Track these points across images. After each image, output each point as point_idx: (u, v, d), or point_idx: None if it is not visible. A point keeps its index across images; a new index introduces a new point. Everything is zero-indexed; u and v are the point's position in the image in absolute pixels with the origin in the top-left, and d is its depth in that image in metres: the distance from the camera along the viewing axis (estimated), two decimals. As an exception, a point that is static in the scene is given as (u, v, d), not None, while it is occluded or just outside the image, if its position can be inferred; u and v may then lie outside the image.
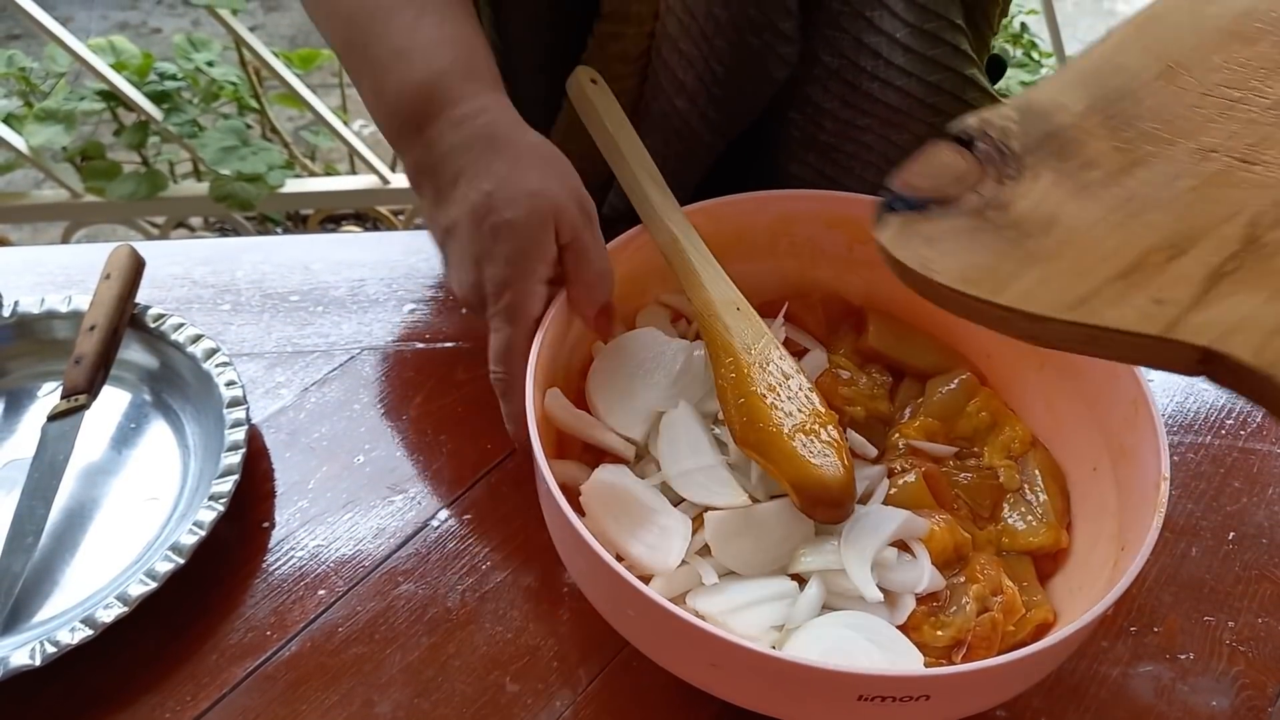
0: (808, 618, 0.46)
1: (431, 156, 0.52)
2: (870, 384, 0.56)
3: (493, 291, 0.50)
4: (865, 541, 0.47)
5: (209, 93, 1.62)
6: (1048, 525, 0.51)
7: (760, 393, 0.49)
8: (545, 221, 0.49)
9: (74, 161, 1.61)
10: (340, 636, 0.53)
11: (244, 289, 0.70)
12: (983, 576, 0.48)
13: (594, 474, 0.49)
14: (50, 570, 0.55)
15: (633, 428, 0.52)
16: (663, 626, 0.42)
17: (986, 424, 0.55)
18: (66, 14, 2.53)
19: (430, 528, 0.58)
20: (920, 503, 0.50)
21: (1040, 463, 0.54)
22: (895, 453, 0.53)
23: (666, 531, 0.48)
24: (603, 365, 0.54)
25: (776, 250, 0.59)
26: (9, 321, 0.64)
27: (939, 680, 0.40)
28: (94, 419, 0.60)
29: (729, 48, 0.62)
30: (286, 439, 0.62)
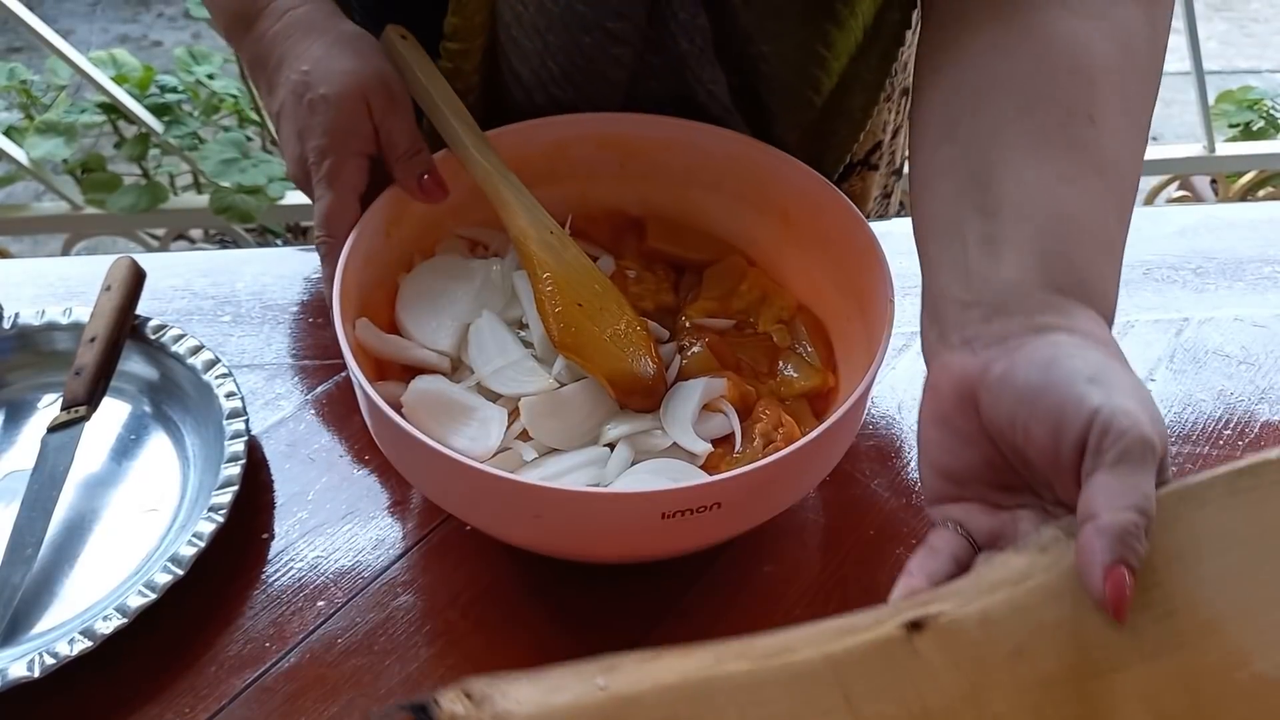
0: (618, 474, 0.52)
1: (259, 49, 0.58)
2: (655, 280, 0.62)
3: (313, 161, 0.54)
4: (681, 409, 0.54)
5: (209, 105, 1.63)
6: (815, 370, 0.59)
7: (577, 303, 0.55)
8: (358, 97, 0.54)
9: (74, 174, 1.62)
10: (340, 648, 0.53)
11: (244, 300, 0.71)
12: (765, 416, 0.55)
13: (411, 384, 0.53)
14: (49, 582, 0.55)
15: (443, 342, 0.57)
16: (489, 491, 0.47)
17: (758, 298, 0.62)
18: (68, 27, 2.54)
19: (430, 539, 0.58)
20: (708, 368, 0.57)
21: (805, 322, 0.62)
22: (684, 332, 0.59)
23: (485, 422, 0.53)
24: (409, 290, 0.58)
25: (556, 175, 0.62)
26: (9, 333, 0.64)
27: (725, 484, 0.45)
28: (94, 430, 0.60)
29: (562, 45, 0.61)
30: (286, 450, 0.62)
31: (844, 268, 0.59)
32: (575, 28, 0.60)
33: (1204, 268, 0.76)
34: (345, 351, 0.50)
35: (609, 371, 0.54)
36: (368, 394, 0.48)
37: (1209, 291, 0.75)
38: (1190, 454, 0.64)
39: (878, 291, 0.54)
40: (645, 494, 0.45)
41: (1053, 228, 0.42)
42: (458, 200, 0.59)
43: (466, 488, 0.48)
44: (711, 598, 0.55)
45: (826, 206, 0.59)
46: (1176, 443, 0.64)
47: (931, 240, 0.46)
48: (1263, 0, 2.87)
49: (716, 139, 0.62)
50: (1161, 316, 0.73)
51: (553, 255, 0.56)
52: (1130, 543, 0.34)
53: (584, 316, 0.55)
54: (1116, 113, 0.46)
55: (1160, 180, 1.90)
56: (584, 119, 0.62)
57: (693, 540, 0.50)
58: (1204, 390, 0.68)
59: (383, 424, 0.49)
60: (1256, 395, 0.67)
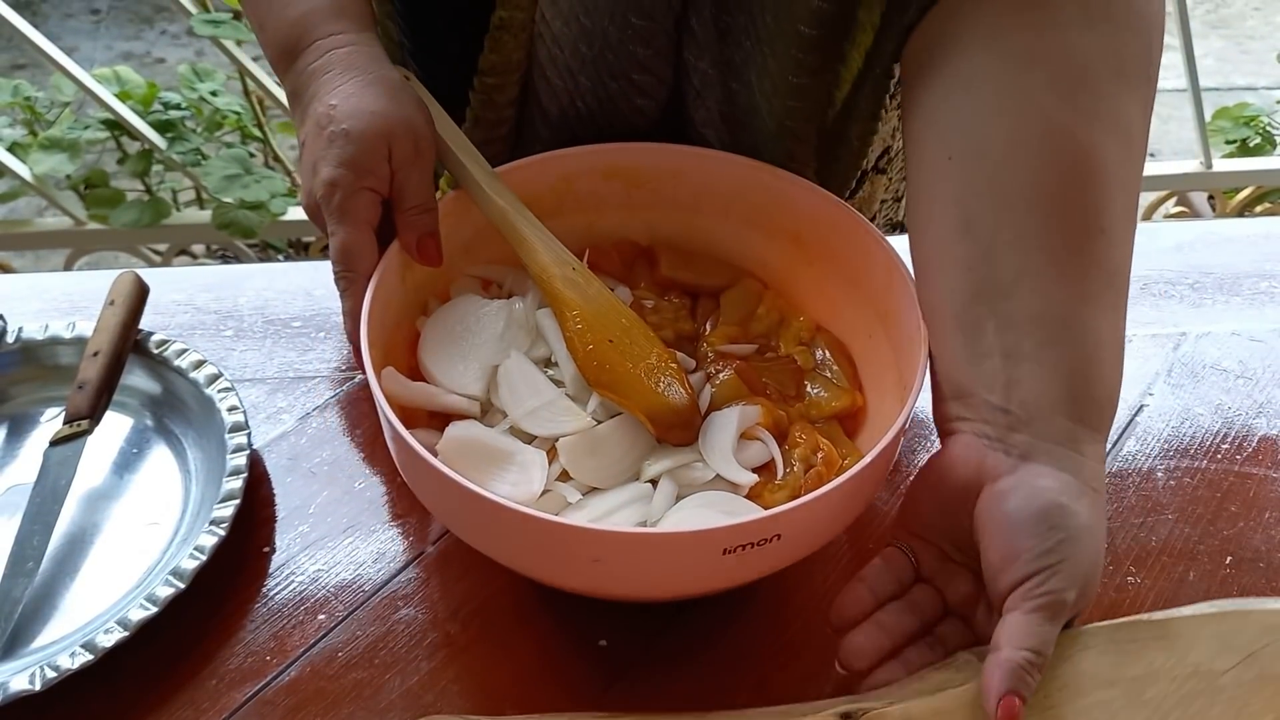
0: (665, 510, 0.51)
1: (299, 82, 0.57)
2: (672, 308, 0.61)
3: (324, 193, 0.53)
4: (720, 440, 0.54)
5: (212, 122, 1.64)
6: (844, 390, 0.59)
7: (608, 340, 0.54)
8: (379, 138, 0.53)
9: (78, 189, 1.62)
10: (340, 661, 0.53)
11: (246, 315, 0.71)
12: (801, 440, 0.55)
13: (447, 432, 0.52)
14: (51, 595, 0.55)
15: (471, 386, 0.55)
16: (546, 538, 0.46)
17: (776, 321, 0.62)
18: (72, 44, 2.55)
19: (430, 553, 0.58)
20: (738, 395, 0.56)
21: (826, 342, 0.61)
22: (707, 361, 0.59)
23: (526, 466, 0.52)
24: (431, 335, 0.57)
25: (563, 209, 0.62)
26: (13, 347, 0.64)
27: (787, 516, 0.45)
28: (96, 444, 0.60)
29: (592, 88, 0.63)
30: (288, 464, 0.62)
31: (861, 286, 0.59)
32: (604, 74, 0.62)
33: (1201, 282, 0.77)
34: (382, 405, 0.48)
35: (647, 408, 0.53)
36: (411, 447, 0.46)
37: (1206, 306, 0.75)
38: (1188, 468, 0.64)
39: (903, 310, 0.54)
40: (709, 531, 0.44)
41: (1077, 353, 0.48)
42: (468, 239, 0.59)
43: (522, 536, 0.47)
44: (714, 609, 0.56)
45: (841, 226, 0.59)
46: (1174, 457, 0.65)
47: (950, 333, 0.50)
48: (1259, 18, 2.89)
49: (724, 164, 0.62)
50: (1159, 331, 0.73)
51: (578, 292, 0.56)
52: (1023, 676, 0.43)
53: (616, 353, 0.54)
54: (1123, 219, 0.51)
55: (1158, 196, 1.91)
56: (589, 151, 0.62)
57: (749, 574, 0.49)
58: (1201, 404, 0.68)
59: (426, 475, 0.47)
60: (1254, 409, 0.67)
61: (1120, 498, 0.62)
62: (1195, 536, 0.60)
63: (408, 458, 0.48)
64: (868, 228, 0.58)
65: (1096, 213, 0.50)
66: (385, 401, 0.48)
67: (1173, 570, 0.58)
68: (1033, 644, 0.43)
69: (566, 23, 0.60)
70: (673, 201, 0.63)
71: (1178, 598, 0.57)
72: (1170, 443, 0.66)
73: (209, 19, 1.45)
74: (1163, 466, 0.64)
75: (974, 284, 0.50)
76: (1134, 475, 0.64)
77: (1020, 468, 0.46)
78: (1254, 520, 0.61)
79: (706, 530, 0.44)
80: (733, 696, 0.52)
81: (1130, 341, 0.72)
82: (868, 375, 0.60)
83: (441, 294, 0.60)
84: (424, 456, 0.46)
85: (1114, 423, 0.50)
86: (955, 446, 0.49)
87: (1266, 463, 0.64)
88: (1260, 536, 0.60)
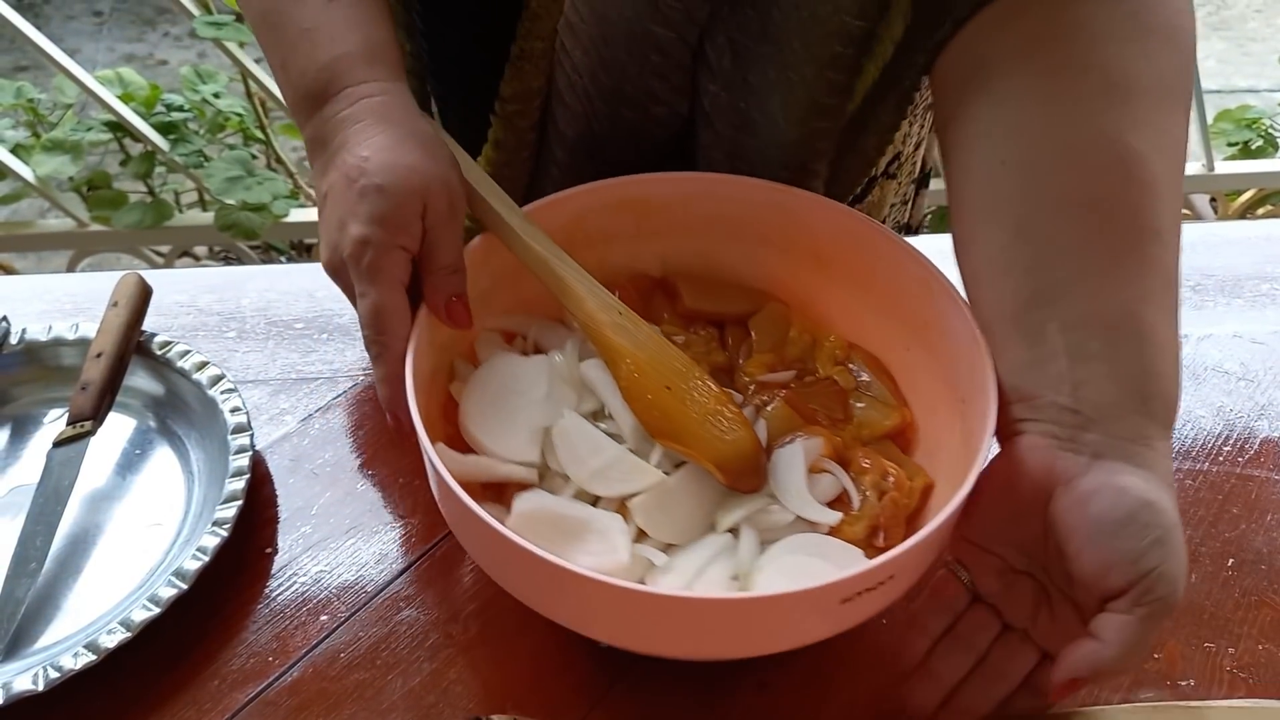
0: (753, 560, 0.50)
1: (324, 129, 0.53)
2: (702, 341, 0.59)
3: (353, 252, 0.50)
4: (791, 479, 0.52)
5: (215, 123, 1.64)
6: (893, 408, 0.57)
7: (665, 387, 0.53)
8: (413, 194, 0.50)
9: (80, 191, 1.63)
10: (342, 662, 0.53)
11: (249, 316, 0.71)
12: (867, 466, 0.53)
13: (514, 506, 0.49)
14: (54, 596, 0.55)
15: (526, 451, 0.53)
16: (662, 613, 0.44)
17: (809, 343, 0.61)
18: (74, 46, 2.56)
19: (432, 554, 0.58)
20: (792, 425, 0.55)
21: (862, 359, 0.60)
22: (749, 393, 0.57)
23: (605, 533, 0.49)
24: (472, 402, 0.54)
25: (574, 246, 0.57)
26: (16, 348, 0.65)
27: (897, 561, 0.44)
28: (99, 445, 0.60)
29: (609, 113, 0.62)
30: (290, 465, 0.62)
31: (892, 299, 0.58)
32: (622, 105, 0.61)
33: (1203, 285, 0.77)
34: (453, 486, 0.45)
35: (715, 457, 0.51)
36: (496, 530, 0.43)
37: (1208, 308, 0.75)
38: (1190, 470, 0.64)
39: (947, 319, 0.53)
40: (832, 584, 0.43)
41: (1142, 351, 0.48)
42: (485, 289, 0.56)
43: (629, 612, 0.44)
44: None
45: (865, 240, 0.58)
46: (1177, 459, 0.65)
47: (1009, 336, 0.50)
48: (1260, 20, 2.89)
49: (735, 187, 0.60)
50: (1161, 333, 0.73)
51: (628, 338, 0.53)
52: (1110, 674, 0.45)
53: (675, 400, 0.52)
54: (1173, 224, 0.51)
55: (1160, 198, 1.91)
56: (600, 186, 0.59)
57: (855, 619, 0.47)
58: (1203, 407, 0.68)
59: (511, 557, 0.44)
60: (1256, 411, 0.67)
61: (1122, 500, 0.62)
62: (1197, 539, 0.60)
63: (487, 540, 0.45)
64: (896, 239, 0.57)
65: (1150, 215, 0.49)
66: (456, 484, 0.45)
67: (1174, 572, 0.58)
68: (1134, 647, 0.44)
69: (586, 52, 0.60)
70: (684, 228, 0.61)
71: (1179, 600, 0.57)
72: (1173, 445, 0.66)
73: (212, 21, 1.45)
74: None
75: (1032, 287, 0.49)
76: (1136, 477, 0.64)
77: (1095, 467, 0.46)
78: (1256, 523, 0.61)
79: (831, 583, 0.43)
80: (734, 697, 0.52)
81: (1132, 343, 0.72)
82: (911, 389, 0.58)
83: (467, 353, 0.58)
84: (511, 539, 0.43)
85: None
86: (1022, 449, 0.48)
87: (1268, 465, 0.64)
88: (1262, 539, 0.60)
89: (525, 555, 0.43)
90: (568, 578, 0.43)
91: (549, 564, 0.43)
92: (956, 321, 0.53)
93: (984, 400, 0.49)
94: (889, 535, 0.51)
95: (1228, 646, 0.55)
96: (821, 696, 0.53)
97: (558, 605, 0.47)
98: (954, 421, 0.54)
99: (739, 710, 0.52)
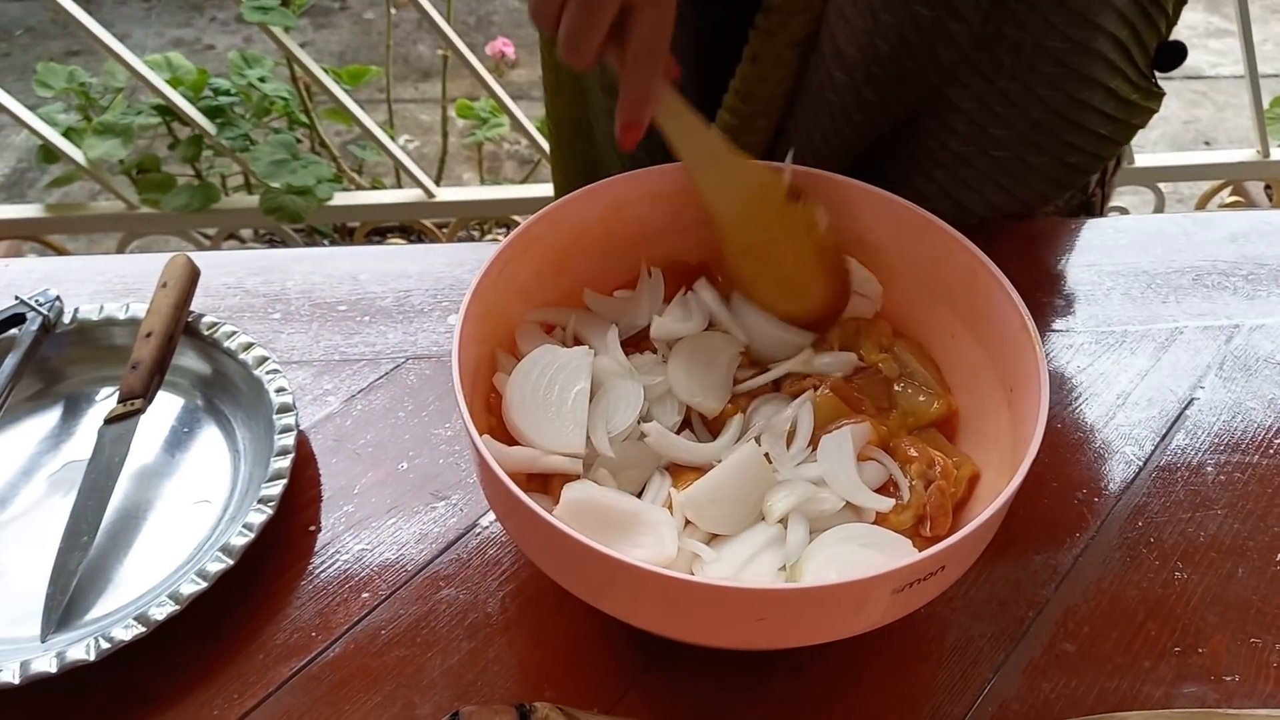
0: (802, 549, 0.50)
1: None
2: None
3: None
4: (841, 466, 0.52)
5: (260, 108, 1.66)
6: (938, 396, 0.57)
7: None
8: None
9: (130, 174, 1.66)
10: (383, 639, 0.54)
11: (294, 298, 0.72)
12: (914, 455, 0.53)
13: (562, 496, 0.50)
14: (105, 569, 0.56)
15: (571, 441, 0.53)
16: (709, 602, 0.44)
17: (853, 330, 0.60)
18: (124, 31, 2.60)
19: (472, 534, 0.59)
20: (839, 413, 0.55)
21: (906, 347, 0.60)
22: (797, 381, 0.57)
23: (653, 525, 0.50)
24: (515, 393, 0.54)
25: (610, 238, 0.60)
26: (69, 328, 0.66)
27: (949, 551, 0.44)
28: (148, 423, 0.62)
29: (895, 24, 0.61)
30: (333, 445, 0.63)
31: (938, 286, 0.58)
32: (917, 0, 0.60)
33: (1256, 274, 0.75)
34: (508, 483, 0.45)
35: (787, 312, 0.57)
36: (552, 524, 0.44)
37: (1260, 298, 0.73)
38: (1240, 463, 0.63)
39: (994, 306, 0.54)
40: (884, 574, 0.43)
41: None
42: (525, 283, 0.57)
43: (680, 602, 0.45)
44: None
45: (910, 227, 0.58)
46: (1225, 451, 0.63)
47: None
48: (1322, 2, 2.81)
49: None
50: (1211, 323, 0.72)
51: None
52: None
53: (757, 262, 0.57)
54: None
55: (1213, 185, 1.87)
56: (639, 175, 0.59)
57: (904, 610, 0.47)
58: (1254, 399, 0.67)
59: (561, 548, 0.45)
60: (1309, 404, 0.66)
61: (1168, 492, 0.61)
62: (1245, 532, 0.59)
63: (537, 531, 0.46)
64: (942, 227, 0.56)
65: None
66: (506, 475, 0.46)
67: (1221, 566, 0.57)
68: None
69: None
70: None
71: (1225, 593, 0.56)
72: (1221, 437, 0.64)
73: (258, 5, 1.47)
74: (1213, 461, 0.63)
75: None
76: (1183, 469, 0.63)
77: None
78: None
79: (879, 575, 0.43)
80: (768, 682, 0.52)
81: (1181, 334, 0.71)
82: (955, 377, 0.58)
83: (508, 345, 0.58)
84: (562, 529, 0.44)
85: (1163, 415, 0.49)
86: None
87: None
88: (1313, 533, 0.59)
89: (576, 545, 0.43)
90: (618, 568, 0.43)
91: (600, 554, 0.43)
92: (1005, 308, 0.53)
93: (1032, 388, 0.49)
94: (935, 524, 0.51)
95: (1274, 642, 0.54)
96: (855, 681, 0.53)
97: (605, 595, 0.47)
98: (1001, 410, 0.53)
99: (773, 695, 0.52)
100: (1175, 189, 2.21)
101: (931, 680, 0.53)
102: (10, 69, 2.46)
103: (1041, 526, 0.59)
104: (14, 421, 0.63)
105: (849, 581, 0.43)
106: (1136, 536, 0.59)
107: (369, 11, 2.73)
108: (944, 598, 0.55)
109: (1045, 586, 0.57)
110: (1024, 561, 0.58)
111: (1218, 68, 2.60)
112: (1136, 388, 0.67)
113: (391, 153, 1.63)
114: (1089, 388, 0.67)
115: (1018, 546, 0.58)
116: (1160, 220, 0.83)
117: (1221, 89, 2.54)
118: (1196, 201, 1.91)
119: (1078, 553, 0.58)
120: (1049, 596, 0.56)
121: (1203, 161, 1.76)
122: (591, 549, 0.43)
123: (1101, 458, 0.63)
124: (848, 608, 0.45)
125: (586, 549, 0.43)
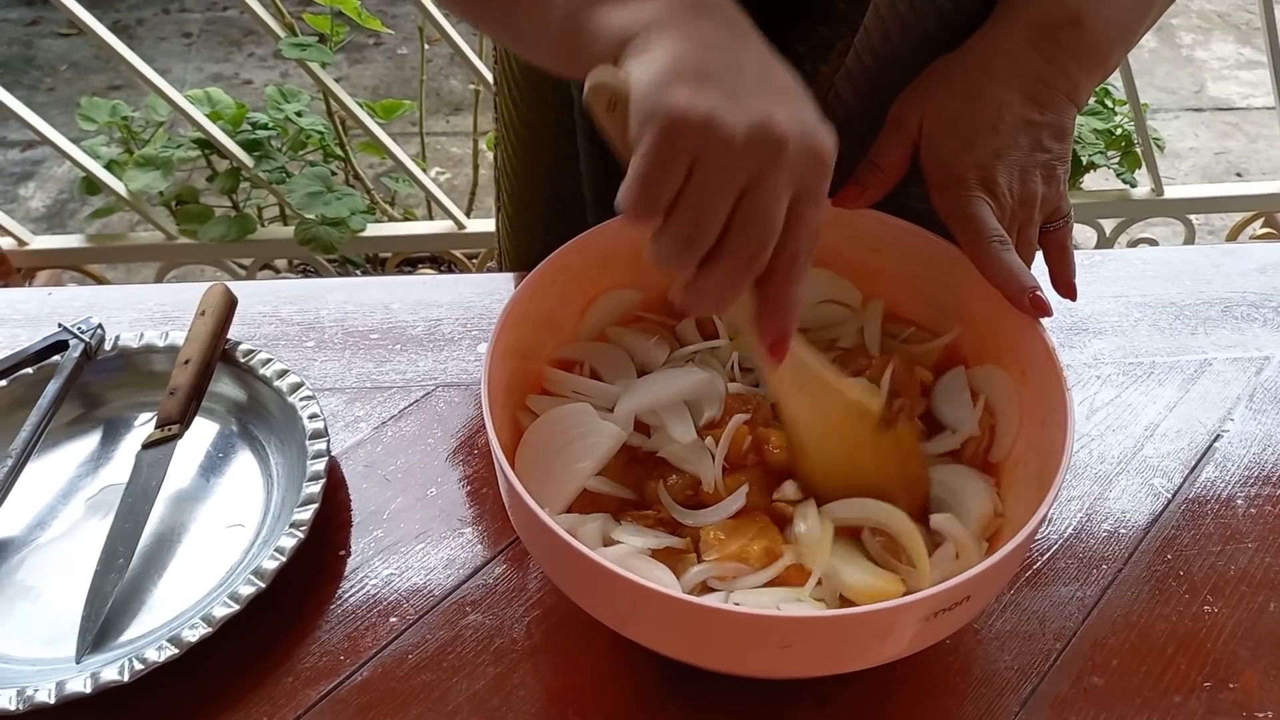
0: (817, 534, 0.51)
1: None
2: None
3: (776, 141, 0.41)
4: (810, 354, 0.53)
5: (297, 141, 1.69)
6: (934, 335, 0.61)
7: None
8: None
9: (169, 205, 1.69)
10: (410, 663, 0.55)
11: (328, 327, 0.73)
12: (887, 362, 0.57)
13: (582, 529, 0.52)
14: (139, 591, 0.57)
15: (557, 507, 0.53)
16: (733, 629, 0.44)
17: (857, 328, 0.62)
18: (165, 66, 2.67)
19: (498, 560, 0.59)
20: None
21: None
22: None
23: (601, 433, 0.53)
24: (524, 461, 0.55)
25: (638, 264, 0.59)
26: (110, 354, 0.68)
27: (975, 580, 0.44)
28: (185, 448, 0.63)
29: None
30: (363, 471, 0.64)
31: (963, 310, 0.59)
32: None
33: (1286, 306, 0.75)
34: (539, 513, 0.46)
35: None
36: (581, 552, 0.44)
37: (1292, 330, 0.73)
38: (1271, 496, 0.62)
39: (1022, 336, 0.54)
40: (910, 603, 0.43)
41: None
42: (554, 311, 0.58)
43: (707, 628, 0.45)
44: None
45: (929, 256, 0.59)
46: (1255, 484, 0.63)
47: None
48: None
49: None
50: (1241, 355, 0.71)
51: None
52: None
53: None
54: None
55: (1244, 217, 1.85)
56: None
57: (930, 640, 0.48)
58: (1286, 431, 0.66)
59: (592, 574, 0.45)
60: (1341, 437, 0.65)
61: (1198, 524, 0.61)
62: (1276, 566, 0.58)
63: (564, 557, 0.46)
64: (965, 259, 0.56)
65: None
66: (536, 504, 0.46)
67: (1252, 600, 0.57)
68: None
69: None
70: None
71: (1257, 628, 0.55)
72: (1251, 470, 0.64)
73: (296, 42, 1.50)
74: (1243, 494, 0.62)
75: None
76: (1212, 502, 0.62)
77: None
78: (1340, 551, 0.59)
79: (909, 602, 0.43)
80: (794, 711, 0.52)
81: (1210, 365, 0.70)
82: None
83: (535, 375, 0.59)
84: (590, 556, 0.44)
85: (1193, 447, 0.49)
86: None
87: (1354, 492, 0.62)
88: (1347, 568, 0.58)
89: (603, 572, 0.44)
90: (644, 595, 0.44)
91: (627, 581, 0.43)
92: (1031, 339, 0.53)
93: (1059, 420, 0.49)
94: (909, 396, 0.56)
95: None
96: (880, 712, 0.52)
97: (630, 621, 0.48)
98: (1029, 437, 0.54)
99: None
100: (1207, 220, 2.20)
101: (957, 712, 0.52)
102: (55, 103, 2.52)
103: (1068, 558, 0.59)
104: (55, 445, 0.65)
105: (876, 609, 0.43)
106: (1165, 569, 0.59)
107: (403, 47, 2.78)
108: (970, 629, 0.55)
109: (1072, 619, 0.56)
110: (1051, 594, 0.57)
111: (1249, 99, 2.59)
112: (1165, 419, 0.67)
113: (423, 185, 1.66)
114: (1117, 419, 0.67)
115: (1044, 578, 0.58)
116: (1189, 251, 0.83)
117: (1253, 120, 2.52)
118: (1227, 233, 1.90)
119: (1105, 585, 0.58)
120: (1076, 629, 0.56)
121: (1234, 193, 1.75)
122: (619, 575, 0.44)
123: (1130, 490, 0.63)
124: (874, 635, 0.45)
125: (613, 575, 0.44)
